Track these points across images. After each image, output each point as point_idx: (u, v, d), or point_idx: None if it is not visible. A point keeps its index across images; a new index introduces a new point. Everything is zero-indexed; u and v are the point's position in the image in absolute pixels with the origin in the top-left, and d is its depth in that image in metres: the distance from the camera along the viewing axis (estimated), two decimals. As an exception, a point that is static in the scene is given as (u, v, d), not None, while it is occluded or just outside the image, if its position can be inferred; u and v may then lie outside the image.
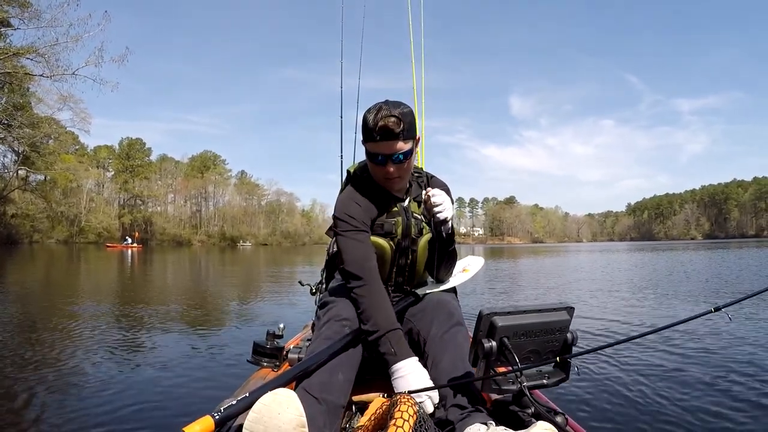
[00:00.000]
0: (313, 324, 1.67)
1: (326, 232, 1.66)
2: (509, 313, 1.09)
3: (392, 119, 1.34)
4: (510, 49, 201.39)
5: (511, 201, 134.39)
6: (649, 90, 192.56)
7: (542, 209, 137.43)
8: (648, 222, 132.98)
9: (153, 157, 79.12)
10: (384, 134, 1.36)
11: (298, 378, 1.24)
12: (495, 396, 1.23)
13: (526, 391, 1.08)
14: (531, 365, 1.12)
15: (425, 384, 1.24)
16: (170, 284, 10.31)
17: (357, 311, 1.37)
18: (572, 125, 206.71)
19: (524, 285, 9.59)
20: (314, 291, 2.00)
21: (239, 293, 8.37)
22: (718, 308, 1.04)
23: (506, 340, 1.07)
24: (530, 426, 0.99)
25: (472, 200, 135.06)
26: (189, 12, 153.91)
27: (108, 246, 43.21)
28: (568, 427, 1.12)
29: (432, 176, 1.65)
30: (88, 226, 61.62)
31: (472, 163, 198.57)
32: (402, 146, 1.39)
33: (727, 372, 2.99)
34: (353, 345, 1.32)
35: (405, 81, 3.10)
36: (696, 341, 3.80)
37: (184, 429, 1.01)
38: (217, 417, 1.06)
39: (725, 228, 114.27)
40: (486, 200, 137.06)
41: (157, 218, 73.51)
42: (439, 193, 1.46)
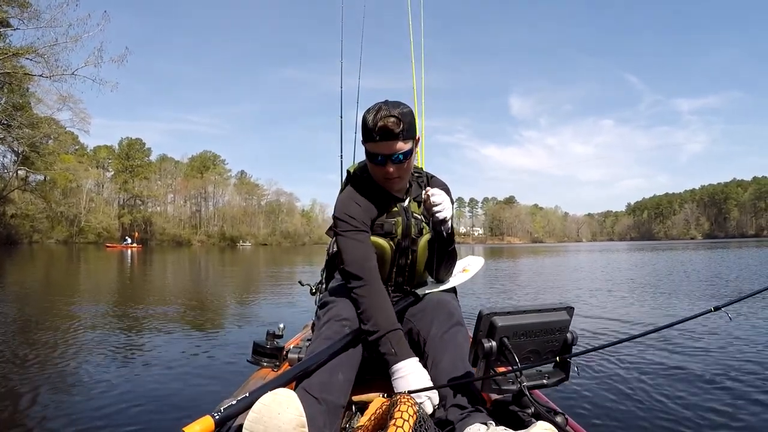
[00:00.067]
0: (313, 324, 1.67)
1: (326, 232, 1.66)
2: (509, 313, 1.09)
3: (392, 119, 1.34)
4: (510, 49, 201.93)
5: (511, 201, 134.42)
6: (649, 90, 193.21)
7: (542, 209, 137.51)
8: (648, 222, 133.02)
9: (153, 157, 79.25)
10: (383, 134, 1.36)
11: (298, 378, 1.24)
12: (495, 396, 1.23)
13: (526, 391, 1.08)
14: (531, 365, 1.12)
15: (425, 384, 1.24)
16: (170, 284, 10.30)
17: (357, 311, 1.37)
18: (572, 125, 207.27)
19: (524, 285, 9.58)
20: (314, 291, 2.00)
21: (239, 293, 8.37)
22: (718, 308, 1.04)
23: (506, 340, 1.07)
24: (530, 426, 0.99)
25: (472, 200, 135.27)
26: (189, 12, 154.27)
27: (108, 246, 43.17)
28: (568, 427, 1.12)
29: (432, 176, 1.65)
30: (88, 227, 61.56)
31: (472, 163, 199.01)
32: (402, 146, 1.39)
33: (727, 371, 2.99)
34: (353, 345, 1.32)
35: (405, 81, 3.10)
36: (696, 340, 3.81)
37: (184, 429, 1.01)
38: (217, 417, 1.06)
39: (725, 228, 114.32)
40: (486, 200, 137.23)
41: (157, 218, 73.46)
42: (439, 193, 1.46)
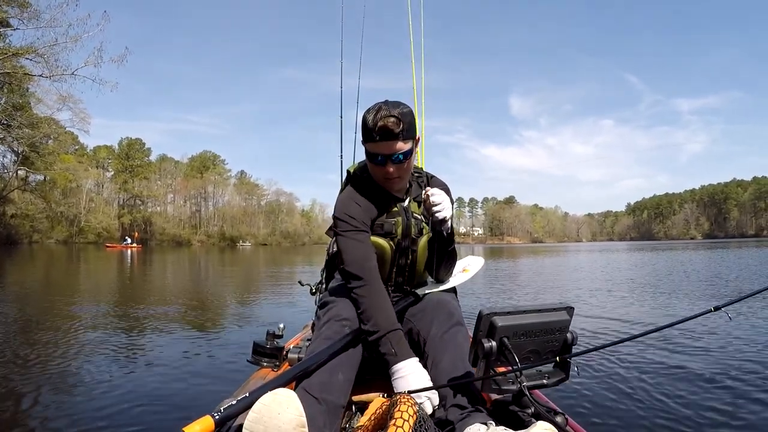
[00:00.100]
0: (313, 324, 1.67)
1: (326, 232, 1.66)
2: (509, 313, 1.09)
3: (392, 119, 1.34)
4: (510, 49, 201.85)
5: (511, 201, 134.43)
6: (649, 90, 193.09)
7: (542, 209, 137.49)
8: (647, 222, 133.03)
9: (152, 157, 79.17)
10: (383, 134, 1.36)
11: (298, 378, 1.24)
12: (495, 396, 1.23)
13: (526, 391, 1.08)
14: (531, 365, 1.12)
15: (425, 385, 1.24)
16: (170, 284, 10.30)
17: (357, 311, 1.37)
18: (572, 125, 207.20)
19: (524, 285, 9.58)
20: (314, 291, 2.00)
21: (239, 293, 8.37)
22: (718, 308, 1.04)
23: (506, 340, 1.07)
24: (530, 426, 0.99)
25: (472, 200, 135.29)
26: (189, 12, 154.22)
27: (107, 246, 43.14)
28: (568, 427, 1.12)
29: (432, 176, 1.65)
30: (88, 227, 61.53)
31: (472, 163, 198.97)
32: (401, 146, 1.39)
33: (727, 370, 2.98)
34: (353, 345, 1.32)
35: (405, 81, 3.10)
36: (696, 340, 3.80)
37: (184, 429, 1.01)
38: (217, 417, 1.06)
39: (725, 228, 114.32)
40: (486, 200, 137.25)
41: (157, 218, 73.42)
42: (438, 193, 1.46)
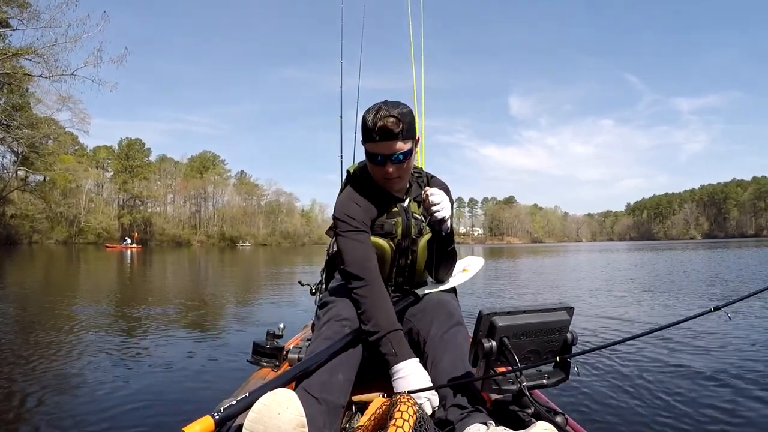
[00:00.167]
0: (313, 324, 1.67)
1: (326, 233, 1.66)
2: (509, 313, 1.09)
3: (391, 119, 1.34)
4: (510, 49, 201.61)
5: (511, 201, 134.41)
6: (649, 89, 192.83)
7: (542, 209, 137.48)
8: (647, 222, 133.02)
9: (152, 158, 79.08)
10: (383, 134, 1.36)
11: (298, 378, 1.24)
12: (495, 396, 1.23)
13: (526, 391, 1.08)
14: (531, 365, 1.12)
15: (426, 385, 1.24)
16: (170, 285, 10.30)
17: (358, 311, 1.37)
18: (572, 125, 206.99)
19: (524, 285, 9.59)
20: (314, 291, 2.00)
21: (239, 293, 8.37)
22: (718, 308, 1.04)
23: (506, 340, 1.07)
24: (530, 426, 0.99)
25: (472, 200, 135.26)
26: (189, 12, 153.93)
27: (107, 246, 43.13)
28: (568, 427, 1.12)
29: (432, 176, 1.65)
30: (88, 227, 61.52)
31: (472, 163, 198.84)
32: (401, 146, 1.39)
33: (727, 370, 2.99)
34: (353, 345, 1.32)
35: (405, 81, 3.10)
36: (695, 340, 3.80)
37: (184, 429, 1.01)
38: (217, 417, 1.06)
39: (724, 227, 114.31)
40: (485, 200, 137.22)
41: (157, 219, 73.37)
42: (438, 192, 1.46)
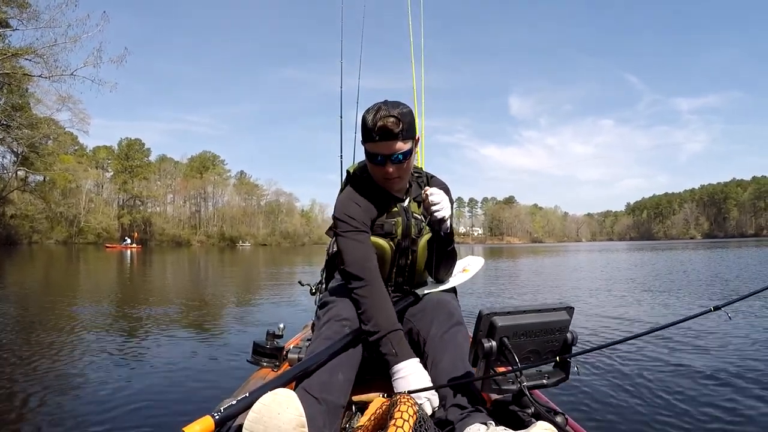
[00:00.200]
0: (313, 324, 1.67)
1: (326, 233, 1.66)
2: (509, 313, 1.09)
3: (391, 119, 1.34)
4: (510, 49, 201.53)
5: (511, 201, 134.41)
6: (649, 89, 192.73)
7: (541, 209, 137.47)
8: (647, 221, 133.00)
9: (152, 158, 79.04)
10: (383, 134, 1.36)
11: (298, 378, 1.24)
12: (495, 396, 1.23)
13: (526, 391, 1.08)
14: (531, 365, 1.12)
15: (426, 385, 1.24)
16: (170, 285, 10.30)
17: (358, 312, 1.37)
18: (572, 125, 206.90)
19: (524, 285, 9.59)
20: (314, 291, 2.00)
21: (239, 293, 8.37)
22: (718, 307, 1.04)
23: (506, 340, 1.07)
24: (530, 426, 0.99)
25: (472, 200, 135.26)
26: (189, 12, 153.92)
27: (107, 246, 43.12)
28: (568, 427, 1.12)
29: (432, 176, 1.65)
30: (88, 227, 61.50)
31: (472, 163, 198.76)
32: (401, 146, 1.39)
33: (727, 370, 2.99)
34: (353, 345, 1.32)
35: (405, 81, 3.10)
36: (696, 340, 3.80)
37: (184, 429, 1.01)
38: (217, 417, 1.06)
39: (724, 227, 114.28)
40: (485, 200, 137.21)
41: (157, 219, 73.35)
42: (437, 192, 1.46)
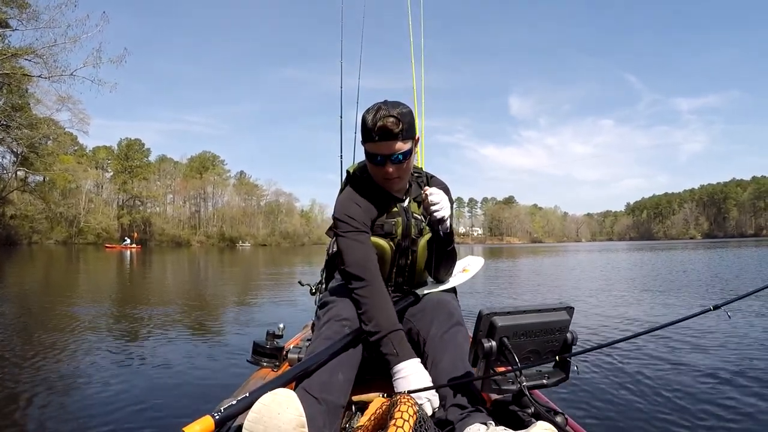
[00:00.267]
0: (313, 324, 1.67)
1: (326, 233, 1.66)
2: (509, 313, 1.09)
3: (391, 119, 1.34)
4: (510, 49, 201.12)
5: (510, 201, 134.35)
6: (648, 89, 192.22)
7: (541, 209, 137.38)
8: (647, 221, 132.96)
9: (152, 158, 78.89)
10: (383, 134, 1.36)
11: (298, 378, 1.24)
12: (495, 396, 1.23)
13: (526, 391, 1.08)
14: (531, 365, 1.12)
15: (426, 385, 1.24)
16: (169, 285, 10.30)
17: (358, 312, 1.37)
18: (571, 125, 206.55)
19: (523, 285, 9.59)
20: (314, 291, 2.00)
21: (239, 294, 8.37)
22: (717, 306, 1.04)
23: (506, 340, 1.07)
24: (530, 426, 0.99)
25: (471, 200, 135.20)
26: (189, 12, 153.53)
27: (107, 247, 43.09)
28: (568, 427, 1.12)
29: (432, 176, 1.65)
30: (87, 227, 61.45)
31: (472, 163, 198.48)
32: (401, 146, 1.39)
33: (727, 369, 2.99)
34: (353, 345, 1.32)
35: (405, 81, 3.10)
36: (695, 339, 3.81)
37: (184, 429, 1.01)
38: (217, 417, 1.06)
39: (724, 227, 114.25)
40: (485, 200, 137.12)
41: (156, 219, 73.27)
42: (437, 192, 1.46)
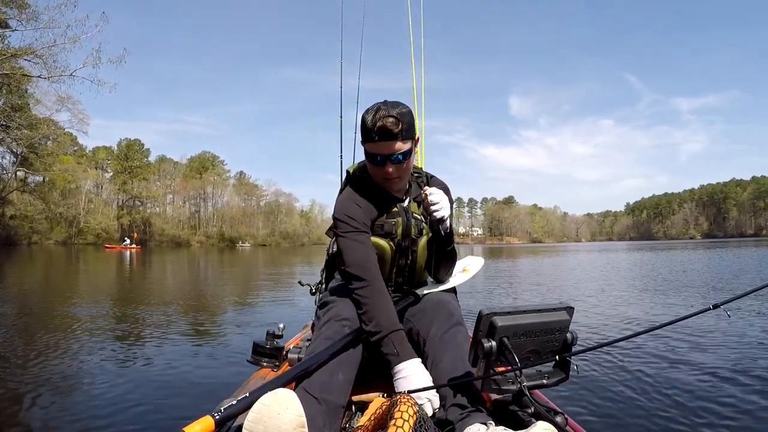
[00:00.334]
0: (313, 324, 1.67)
1: (326, 233, 1.66)
2: (509, 313, 1.09)
3: (390, 119, 1.34)
4: (510, 49, 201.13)
5: (510, 201, 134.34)
6: (648, 89, 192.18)
7: (541, 209, 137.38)
8: (647, 221, 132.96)
9: (152, 158, 78.93)
10: (382, 134, 1.36)
11: (298, 378, 1.24)
12: (495, 396, 1.23)
13: (526, 391, 1.08)
14: (531, 365, 1.12)
15: (427, 385, 1.24)
16: (169, 285, 10.29)
17: (359, 312, 1.37)
18: (571, 125, 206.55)
19: (523, 285, 9.59)
20: (314, 291, 2.01)
21: (239, 294, 8.36)
22: (717, 306, 1.04)
23: (506, 340, 1.07)
24: (530, 426, 0.99)
25: (471, 200, 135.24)
26: (189, 12, 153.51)
27: (107, 247, 43.11)
28: (568, 427, 1.12)
29: (432, 176, 1.65)
30: (87, 227, 61.45)
31: (471, 163, 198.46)
32: (401, 146, 1.39)
33: (727, 369, 2.99)
34: (353, 345, 1.32)
35: (405, 81, 3.10)
36: (695, 338, 3.81)
37: (184, 429, 1.01)
38: (217, 417, 1.06)
39: (724, 227, 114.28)
40: (485, 200, 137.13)
41: (156, 219, 73.29)
42: (437, 192, 1.46)
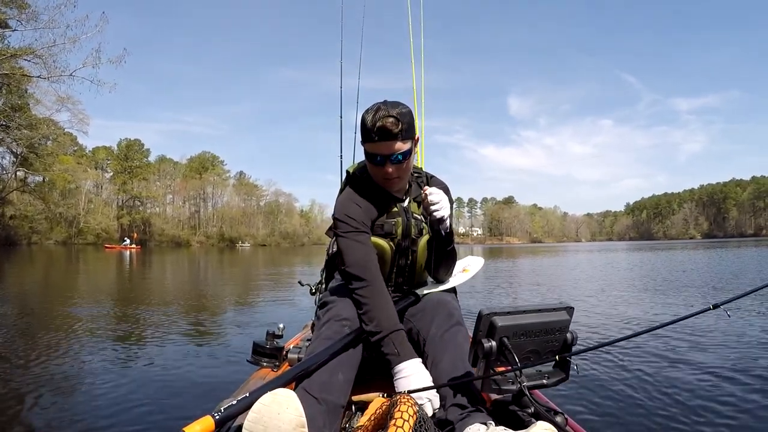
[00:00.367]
0: (313, 324, 1.67)
1: (326, 233, 1.66)
2: (509, 313, 1.09)
3: (390, 119, 1.34)
4: (510, 49, 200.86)
5: (510, 201, 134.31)
6: (647, 89, 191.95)
7: (541, 209, 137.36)
8: (647, 221, 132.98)
9: (151, 158, 78.85)
10: (382, 134, 1.36)
11: (298, 378, 1.24)
12: (495, 396, 1.23)
13: (526, 391, 1.08)
14: (531, 365, 1.12)
15: (428, 385, 1.24)
16: (169, 285, 10.29)
17: (359, 312, 1.37)
18: (571, 125, 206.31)
19: (523, 285, 9.59)
20: (314, 291, 2.01)
21: (239, 294, 8.37)
22: (717, 305, 1.04)
23: (506, 340, 1.07)
24: (530, 426, 0.99)
25: (471, 200, 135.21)
26: (189, 12, 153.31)
27: (106, 247, 43.08)
28: (568, 427, 1.12)
29: (432, 176, 1.65)
30: (87, 228, 61.42)
31: (471, 163, 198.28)
32: (401, 146, 1.39)
33: (727, 369, 2.99)
34: (353, 345, 1.32)
35: (405, 81, 3.10)
36: (695, 338, 3.81)
37: (184, 429, 1.01)
38: (217, 417, 1.06)
39: (724, 227, 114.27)
40: (485, 200, 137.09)
41: (156, 219, 73.27)
42: (436, 192, 1.46)
